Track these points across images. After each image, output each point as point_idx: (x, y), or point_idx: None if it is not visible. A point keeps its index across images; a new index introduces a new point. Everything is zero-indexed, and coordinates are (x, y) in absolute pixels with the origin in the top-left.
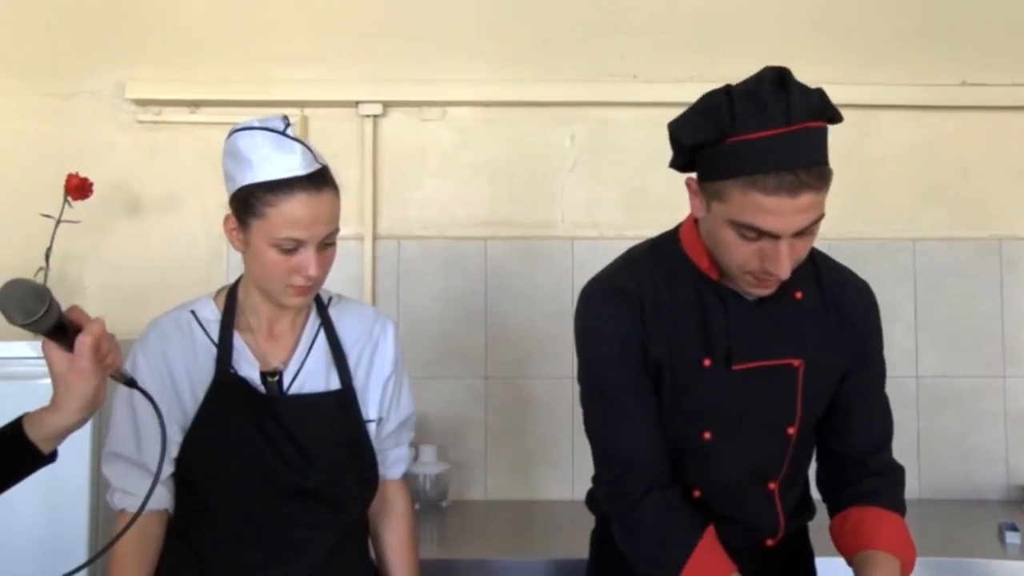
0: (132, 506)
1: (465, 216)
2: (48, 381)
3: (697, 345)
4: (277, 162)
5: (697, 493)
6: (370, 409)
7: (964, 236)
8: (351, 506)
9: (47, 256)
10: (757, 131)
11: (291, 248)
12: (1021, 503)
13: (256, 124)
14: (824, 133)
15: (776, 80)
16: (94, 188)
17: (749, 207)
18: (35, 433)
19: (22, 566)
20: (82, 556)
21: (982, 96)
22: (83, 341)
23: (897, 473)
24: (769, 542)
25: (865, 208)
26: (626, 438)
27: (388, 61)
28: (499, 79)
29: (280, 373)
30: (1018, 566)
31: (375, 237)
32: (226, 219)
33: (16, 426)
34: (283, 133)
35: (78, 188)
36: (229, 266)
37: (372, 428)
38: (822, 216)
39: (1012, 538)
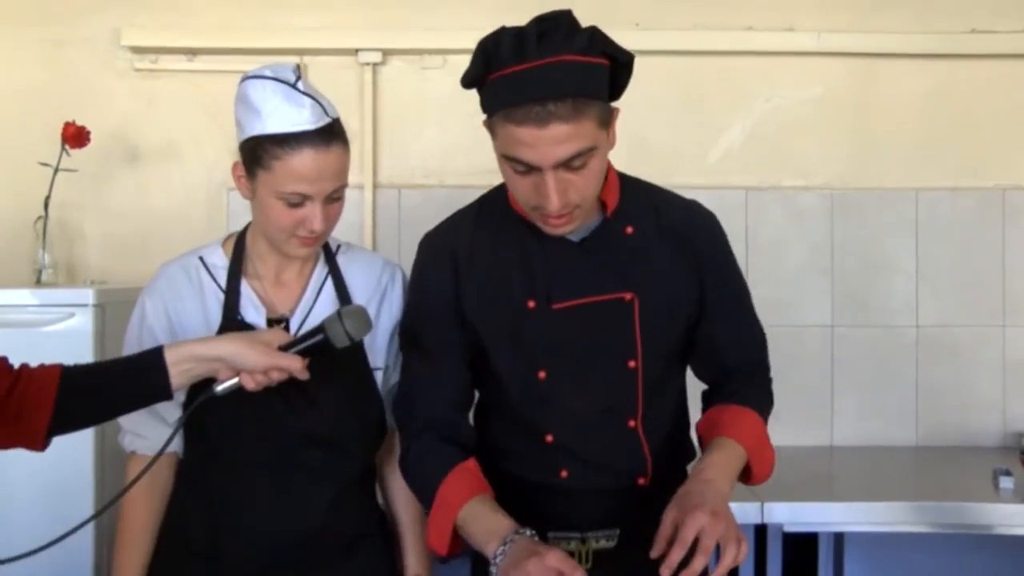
0: (142, 448)
1: (466, 165)
2: (50, 328)
3: (522, 289)
4: (286, 115)
5: (550, 438)
6: (377, 357)
7: (968, 186)
8: (357, 452)
9: (46, 205)
10: (512, 66)
11: (297, 202)
12: (1016, 449)
13: (268, 73)
14: (586, 68)
15: (549, 19)
16: (92, 137)
17: (509, 140)
18: (172, 354)
19: (29, 511)
20: (89, 497)
21: (991, 44)
22: (299, 368)
23: (763, 379)
24: (641, 481)
25: (868, 158)
26: (423, 384)
27: (388, 8)
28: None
29: (287, 320)
30: (1011, 509)
31: (375, 186)
32: (235, 166)
33: (156, 350)
34: (294, 86)
35: (75, 136)
36: (229, 215)
37: (379, 376)
38: (594, 149)
39: (1006, 483)
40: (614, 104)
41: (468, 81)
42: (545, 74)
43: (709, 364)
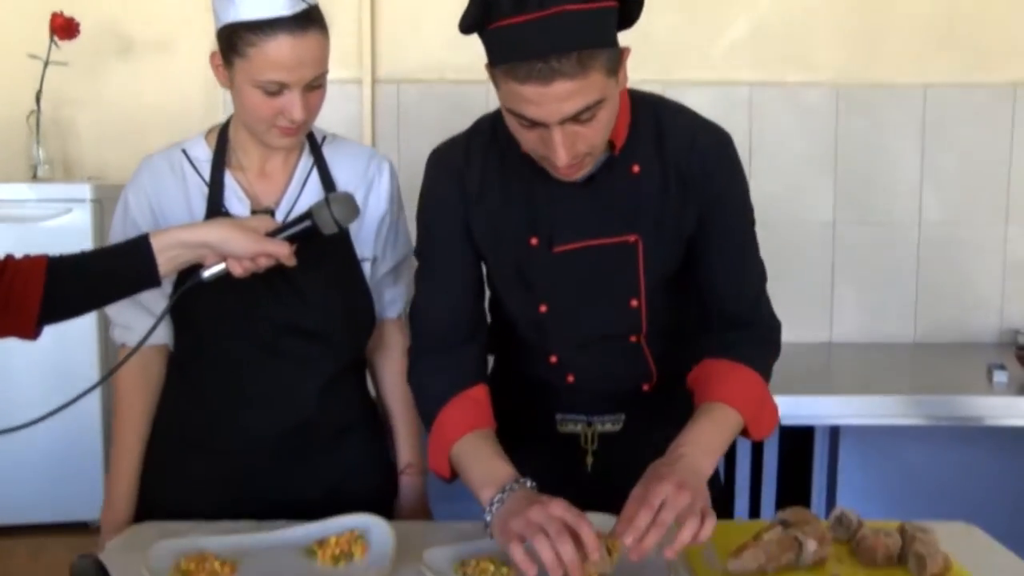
0: (131, 340)
1: (466, 59)
2: (48, 224)
3: (525, 226)
4: (260, 0)
5: (554, 359)
6: (364, 248)
7: (978, 82)
8: (345, 344)
9: (38, 99)
10: (511, 17)
11: (275, 91)
12: (1012, 345)
13: None
14: (591, 16)
15: None
16: (81, 29)
17: (511, 96)
18: (158, 241)
19: (37, 395)
20: (94, 378)
21: None
22: (286, 254)
23: (764, 329)
24: (645, 387)
25: (875, 53)
26: (432, 302)
27: None
28: None
29: (272, 212)
30: (1004, 402)
31: (374, 81)
32: (212, 55)
33: (142, 238)
34: None
35: (64, 28)
36: (225, 107)
37: (367, 267)
38: (602, 101)
39: (1000, 377)
40: (625, 37)
41: (465, 27)
42: (547, 27)
43: (706, 305)
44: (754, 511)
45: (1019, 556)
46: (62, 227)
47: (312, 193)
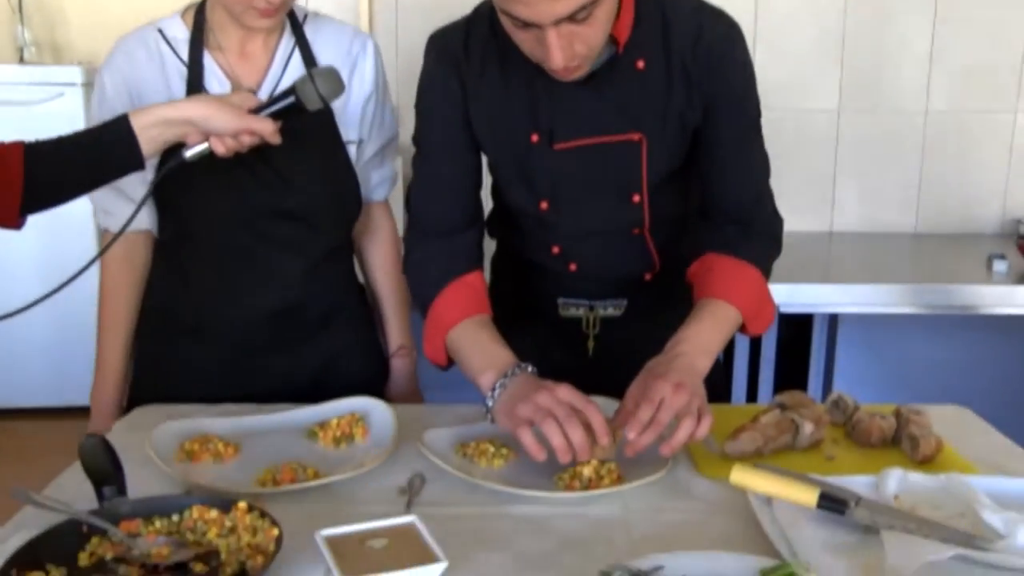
0: (114, 225)
1: None
2: (39, 108)
3: (525, 120)
4: None
5: (556, 250)
6: (350, 130)
7: None
8: (330, 228)
9: None
10: None
11: None
12: (1014, 235)
13: None
14: None
15: None
16: None
17: None
18: (138, 120)
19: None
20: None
21: None
22: (271, 130)
23: (766, 226)
24: (648, 276)
25: None
26: (429, 187)
27: None
28: None
29: (254, 94)
30: (1002, 291)
31: None
32: None
33: (121, 118)
34: None
35: None
36: None
37: (352, 150)
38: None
39: (999, 266)
40: None
41: None
42: None
43: (707, 199)
44: (752, 395)
45: (1009, 438)
46: (53, 112)
47: (294, 74)
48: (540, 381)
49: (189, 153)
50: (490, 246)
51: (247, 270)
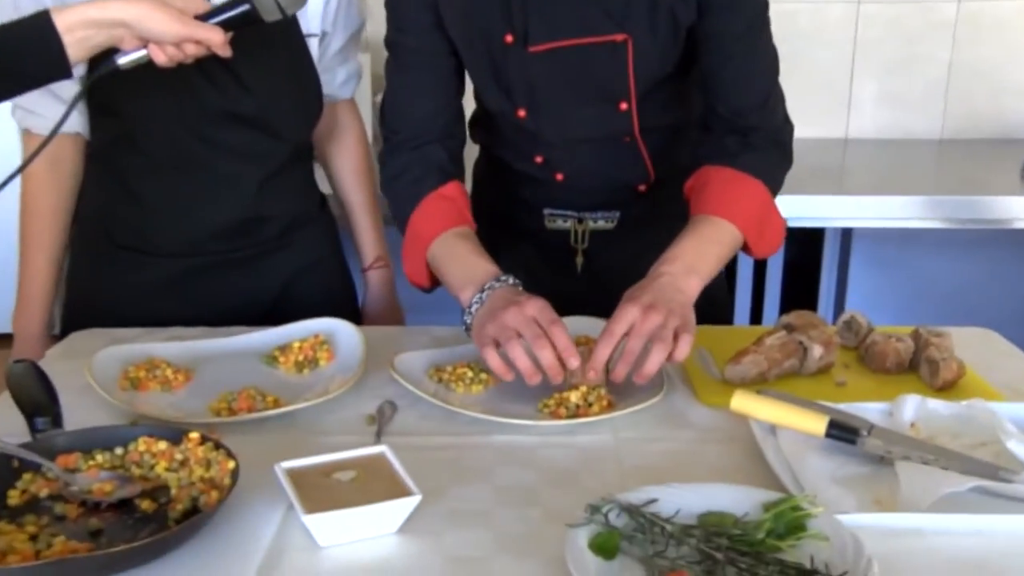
0: (37, 127)
1: None
2: None
3: (498, 19)
4: None
5: (539, 159)
6: (312, 22)
7: None
8: (289, 132)
9: None
10: None
11: None
12: None
13: None
14: None
15: None
16: None
17: None
18: (62, 20)
19: None
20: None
21: None
22: (220, 42)
23: (774, 133)
24: (642, 188)
25: None
26: (404, 94)
27: None
28: None
29: None
30: None
31: None
32: None
33: (41, 16)
34: None
35: None
36: None
37: (314, 45)
38: None
39: None
40: None
41: None
42: None
43: (707, 106)
44: (756, 317)
45: None
46: None
47: None
48: (516, 295)
49: (123, 60)
50: (473, 152)
51: (196, 180)
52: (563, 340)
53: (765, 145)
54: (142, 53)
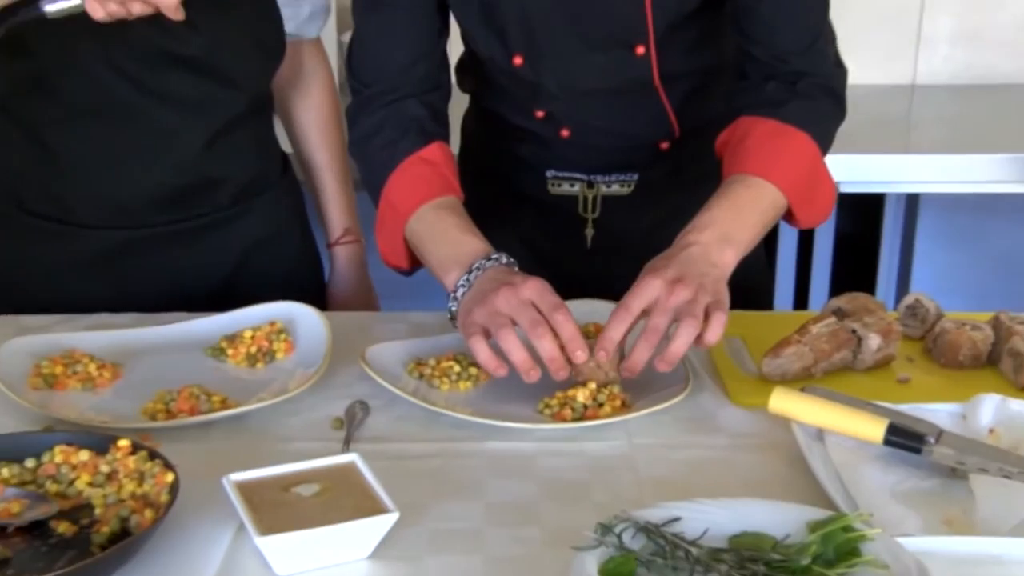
0: None
1: None
2: None
3: None
4: None
5: (540, 114)
6: None
7: None
8: (244, 79)
9: None
10: None
11: None
12: None
13: None
14: None
15: None
16: None
17: None
18: None
19: None
20: None
21: None
22: (172, 4)
23: (824, 79)
24: (664, 145)
25: None
26: (378, 39)
27: None
28: None
29: None
30: None
31: None
32: None
33: None
34: None
35: None
36: None
37: None
38: None
39: None
40: None
41: None
42: None
43: (743, 49)
44: (801, 300)
45: None
46: None
47: None
48: (510, 275)
49: (52, 8)
50: (460, 103)
51: (128, 135)
52: (568, 328)
53: (814, 93)
54: (75, 3)
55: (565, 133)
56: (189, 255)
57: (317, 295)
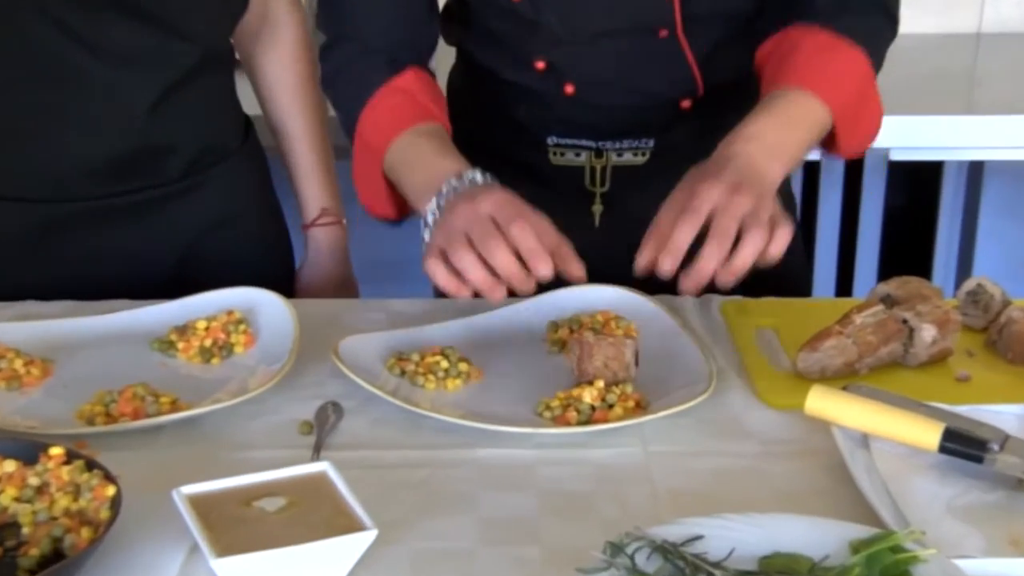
0: None
1: None
2: None
3: None
4: None
5: (541, 64)
6: None
7: None
8: (200, 30)
9: None
10: None
11: None
12: None
13: None
14: None
15: None
16: None
17: None
18: None
19: None
20: None
21: None
22: None
23: None
24: (685, 103)
25: None
26: None
27: None
28: None
29: None
30: None
31: None
32: None
33: None
34: None
35: None
36: None
37: None
38: None
39: None
40: None
41: None
42: None
43: None
44: (844, 286)
45: None
46: None
47: None
48: (474, 191)
49: None
50: (447, 59)
51: (62, 95)
52: (525, 240)
53: (867, 8)
54: None
55: (569, 89)
56: (133, 235)
57: (286, 285)
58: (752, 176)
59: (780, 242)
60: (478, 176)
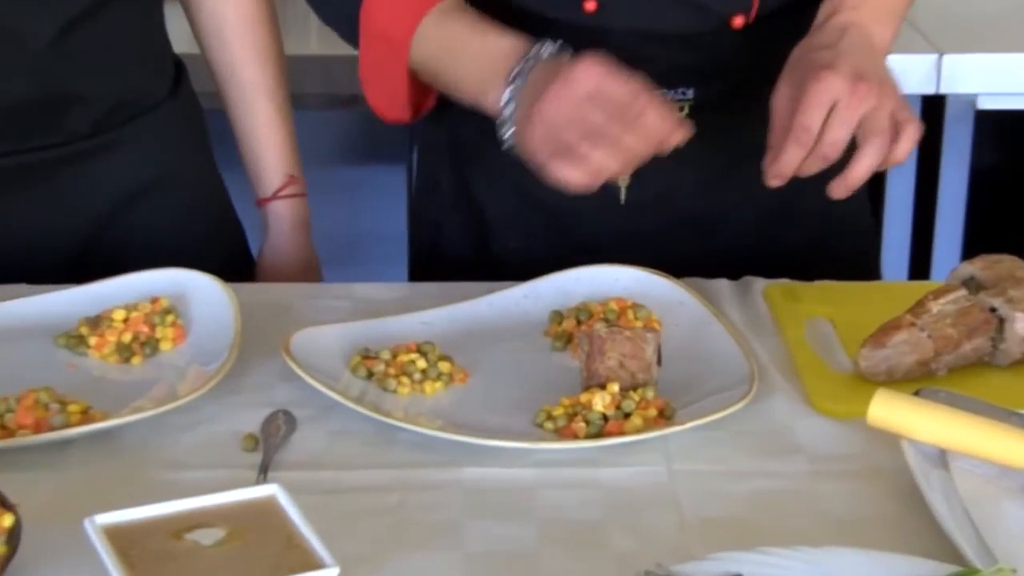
0: None
1: None
2: None
3: None
4: None
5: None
6: None
7: None
8: None
9: None
10: None
11: None
12: None
13: None
14: None
15: None
16: None
17: None
18: None
19: None
20: None
21: None
22: None
23: None
24: (738, 21)
25: None
26: None
27: None
28: None
29: None
30: None
31: None
32: None
33: None
34: None
35: None
36: None
37: None
38: None
39: None
40: None
41: None
42: None
43: None
44: (920, 268)
45: None
46: None
47: None
48: (556, 67)
49: None
50: None
51: None
52: (652, 122)
53: None
54: None
55: (591, 6)
56: (31, 205)
57: (230, 268)
58: (867, 53)
59: (905, 144)
60: (545, 48)
